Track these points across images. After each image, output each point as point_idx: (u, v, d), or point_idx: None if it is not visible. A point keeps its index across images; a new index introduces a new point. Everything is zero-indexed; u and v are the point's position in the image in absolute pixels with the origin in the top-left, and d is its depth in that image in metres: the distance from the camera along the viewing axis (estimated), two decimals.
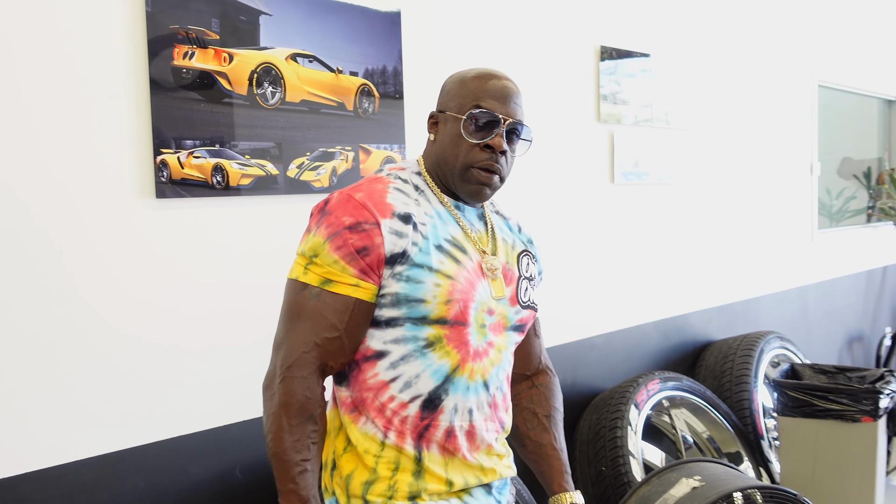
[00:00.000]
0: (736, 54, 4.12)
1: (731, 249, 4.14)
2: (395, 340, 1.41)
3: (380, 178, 1.48)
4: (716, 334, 4.02)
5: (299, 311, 1.39)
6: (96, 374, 1.84)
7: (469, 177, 1.46)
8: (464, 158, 1.45)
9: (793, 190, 4.75)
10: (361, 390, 1.44)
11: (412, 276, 1.39)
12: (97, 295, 1.83)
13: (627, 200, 3.42)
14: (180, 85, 1.95)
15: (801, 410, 3.17)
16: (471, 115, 1.44)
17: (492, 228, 1.56)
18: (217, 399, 2.05)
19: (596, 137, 3.25)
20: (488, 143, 1.44)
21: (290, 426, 1.35)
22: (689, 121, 3.75)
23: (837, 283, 5.28)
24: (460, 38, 2.68)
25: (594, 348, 3.27)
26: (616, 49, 3.29)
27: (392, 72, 2.43)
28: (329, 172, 2.27)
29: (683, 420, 3.33)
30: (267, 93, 2.12)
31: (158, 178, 1.92)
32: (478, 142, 1.45)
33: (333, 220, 1.39)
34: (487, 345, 1.48)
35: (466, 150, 1.45)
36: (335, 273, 1.38)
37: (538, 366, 1.72)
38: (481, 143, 1.45)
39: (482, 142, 1.45)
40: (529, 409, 1.68)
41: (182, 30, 1.95)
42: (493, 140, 1.45)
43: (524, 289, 1.56)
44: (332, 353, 1.39)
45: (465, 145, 1.45)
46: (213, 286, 2.04)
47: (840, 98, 5.45)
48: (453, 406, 1.44)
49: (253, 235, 2.11)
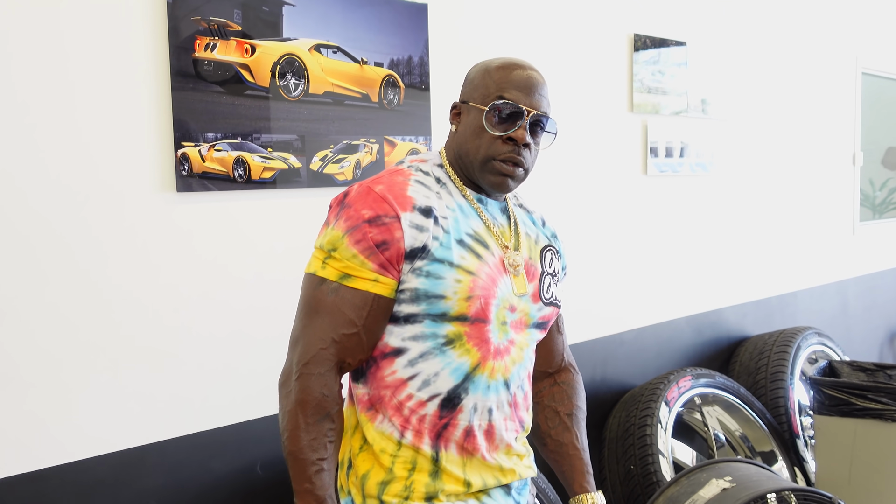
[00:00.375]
0: (775, 41, 4.01)
1: (768, 242, 4.04)
2: (414, 337, 1.39)
3: (401, 171, 1.45)
4: (751, 330, 3.93)
5: (317, 306, 1.36)
6: (114, 371, 1.83)
7: (491, 168, 1.43)
8: (486, 151, 1.42)
9: (834, 181, 4.62)
10: (379, 388, 1.41)
11: (432, 271, 1.36)
12: (123, 287, 1.83)
13: (661, 192, 3.35)
14: (202, 77, 1.93)
15: (839, 409, 3.08)
16: (493, 106, 1.40)
17: (515, 222, 1.53)
18: (238, 394, 2.04)
19: (629, 128, 3.18)
20: (511, 136, 1.41)
21: (307, 424, 1.33)
22: (727, 110, 3.66)
23: (879, 277, 5.13)
24: (488, 28, 2.63)
25: (624, 344, 3.21)
26: (650, 37, 3.21)
27: (418, 62, 2.39)
28: (353, 165, 2.25)
29: (716, 418, 3.26)
30: (290, 84, 2.10)
31: (179, 171, 1.91)
32: (500, 134, 1.41)
33: (353, 214, 1.36)
34: (509, 342, 1.44)
35: (489, 143, 1.41)
36: (354, 267, 1.35)
37: (561, 363, 1.68)
38: (504, 135, 1.41)
39: (505, 134, 1.41)
40: (551, 408, 1.65)
41: (204, 21, 1.93)
42: (517, 133, 1.41)
43: (547, 285, 1.52)
44: (350, 349, 1.37)
45: (487, 137, 1.41)
46: (234, 280, 2.02)
47: (886, 87, 5.29)
48: (473, 405, 1.41)
49: (275, 229, 2.10)
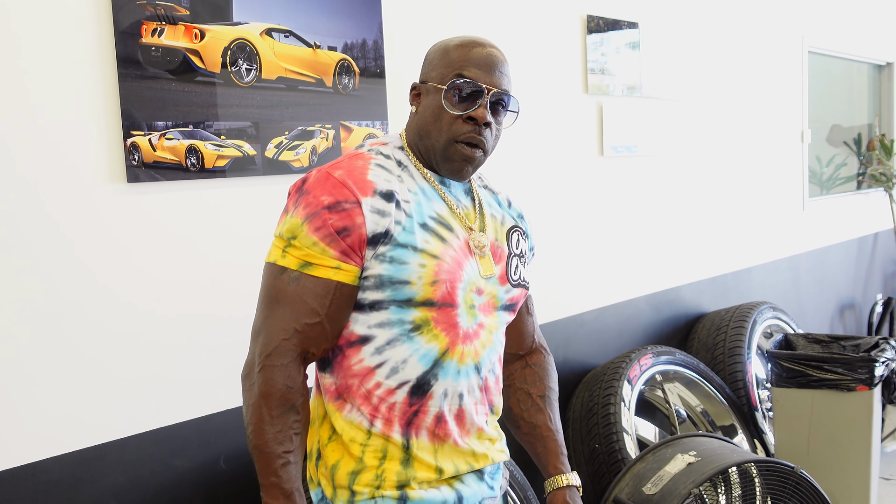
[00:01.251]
0: (723, 21, 4.05)
1: (721, 220, 4.10)
2: (380, 324, 1.36)
3: (360, 155, 1.42)
4: (708, 306, 3.99)
5: (278, 295, 1.33)
6: (71, 368, 1.77)
7: (452, 153, 1.41)
8: (447, 132, 1.39)
9: (783, 158, 4.70)
10: (346, 377, 1.39)
11: (396, 256, 1.34)
12: (70, 285, 1.77)
13: (617, 173, 3.36)
14: (150, 64, 1.87)
15: (796, 381, 3.14)
16: (452, 84, 1.38)
17: (479, 204, 1.51)
18: (198, 388, 1.99)
19: (584, 109, 3.18)
20: (471, 115, 1.38)
21: (272, 417, 1.30)
22: (678, 91, 3.68)
23: (829, 251, 5.25)
24: (442, 9, 2.60)
25: (585, 324, 3.22)
26: (603, 18, 3.21)
27: (372, 45, 2.35)
28: (309, 152, 2.20)
29: (677, 394, 3.29)
30: (242, 70, 2.05)
31: (129, 161, 1.85)
32: (460, 113, 1.39)
33: (312, 200, 1.33)
34: (478, 326, 1.43)
35: (449, 123, 1.39)
36: (315, 255, 1.32)
37: (532, 345, 1.67)
38: (464, 114, 1.39)
39: (465, 113, 1.39)
40: (523, 390, 1.64)
41: (150, 6, 1.87)
42: (477, 111, 1.38)
43: (514, 266, 1.51)
44: (314, 339, 1.34)
45: (447, 117, 1.39)
46: (190, 272, 1.97)
47: (829, 64, 5.39)
48: (443, 391, 1.39)
49: (230, 219, 2.05)
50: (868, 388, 3.03)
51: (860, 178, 5.91)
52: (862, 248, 5.75)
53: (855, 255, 5.65)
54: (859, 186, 5.89)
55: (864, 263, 5.81)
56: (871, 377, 3.02)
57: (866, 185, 5.87)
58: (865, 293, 5.85)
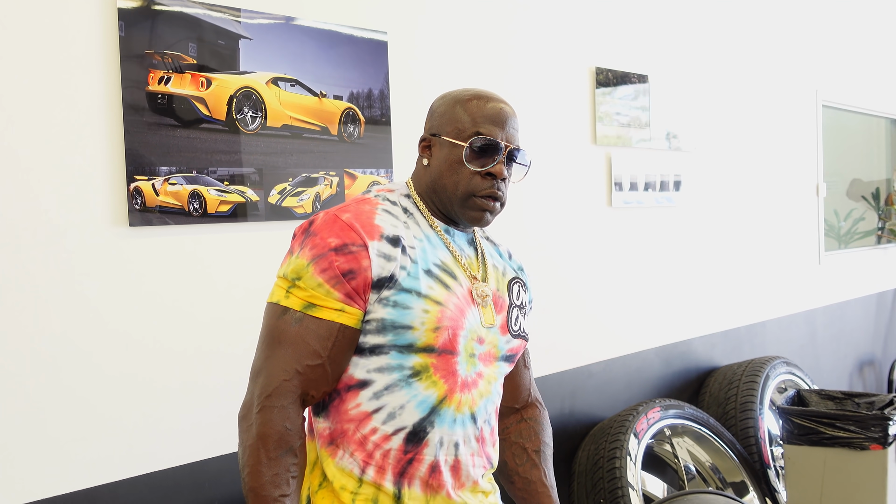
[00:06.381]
0: (737, 74, 4.07)
1: (735, 273, 4.06)
2: (380, 369, 1.36)
3: (368, 199, 1.43)
4: (720, 360, 3.93)
5: (280, 336, 1.33)
6: (64, 409, 1.78)
7: (472, 204, 1.43)
8: (465, 187, 1.41)
9: (798, 211, 4.67)
10: (342, 421, 1.38)
11: (399, 301, 1.33)
12: (68, 326, 1.78)
13: (626, 224, 3.36)
14: (155, 110, 1.91)
15: (808, 438, 3.07)
16: (472, 142, 1.40)
17: (482, 254, 1.52)
18: (193, 433, 1.98)
19: (592, 160, 3.19)
20: (490, 171, 1.41)
21: (269, 459, 1.28)
22: (690, 142, 3.69)
23: (847, 306, 5.17)
24: (449, 61, 2.64)
25: (593, 376, 3.19)
26: (612, 70, 3.24)
27: (378, 95, 2.39)
28: (312, 198, 2.22)
29: (686, 449, 3.23)
30: (247, 118, 2.08)
31: (132, 205, 1.87)
32: (479, 169, 1.41)
33: (318, 242, 1.34)
34: (476, 375, 1.42)
35: (467, 178, 1.41)
36: (319, 297, 1.32)
37: (527, 398, 1.66)
38: (483, 170, 1.41)
39: (484, 169, 1.41)
40: (518, 444, 1.62)
41: (157, 54, 1.92)
42: (495, 168, 1.41)
43: (515, 317, 1.51)
44: (315, 381, 1.33)
45: (465, 173, 1.41)
46: (191, 317, 1.98)
47: (846, 118, 5.38)
48: (439, 439, 1.38)
49: (232, 264, 2.06)
50: (882, 447, 2.96)
51: (879, 232, 5.86)
52: (882, 304, 5.66)
53: (874, 311, 5.56)
54: (878, 241, 5.83)
55: (884, 319, 5.72)
56: (884, 436, 2.95)
57: (885, 239, 5.81)
58: (886, 350, 5.74)
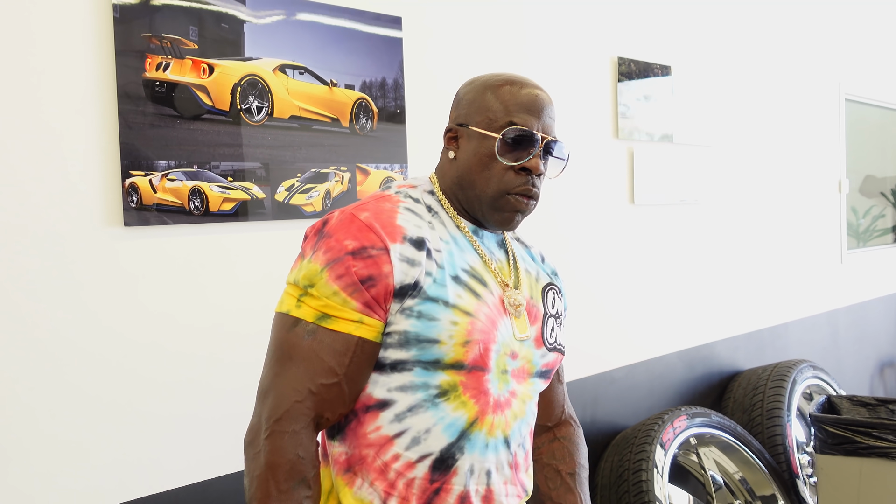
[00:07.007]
0: (758, 65, 3.91)
1: (757, 272, 3.90)
2: (402, 388, 1.20)
3: (388, 197, 1.28)
4: (743, 364, 3.77)
5: (290, 351, 1.17)
6: (52, 430, 1.62)
7: (503, 204, 1.27)
8: (497, 183, 1.26)
9: (820, 209, 4.51)
10: (360, 447, 1.22)
11: (425, 311, 1.18)
12: (60, 338, 1.62)
13: (648, 222, 3.20)
14: (153, 99, 1.75)
15: (842, 448, 2.91)
16: (505, 134, 1.24)
17: (513, 258, 1.36)
18: (196, 451, 1.83)
19: (614, 155, 3.03)
20: (524, 166, 1.25)
21: (280, 492, 1.13)
22: (712, 137, 3.53)
23: (868, 306, 5.02)
24: (466, 47, 2.47)
25: (615, 382, 3.03)
26: (634, 60, 3.07)
27: (392, 85, 2.22)
28: (322, 195, 2.06)
29: (713, 459, 3.07)
30: (252, 108, 1.92)
31: (127, 203, 1.71)
32: (513, 164, 1.25)
33: (334, 244, 1.18)
34: (510, 394, 1.27)
35: (500, 174, 1.26)
36: (334, 307, 1.17)
37: (560, 416, 1.50)
38: (517, 165, 1.25)
39: (518, 164, 1.25)
40: (551, 466, 1.46)
41: (155, 38, 1.76)
42: (531, 162, 1.26)
43: (550, 328, 1.35)
44: (330, 402, 1.18)
45: (497, 167, 1.26)
46: (189, 326, 1.82)
47: (860, 113, 5.22)
48: (469, 467, 1.22)
49: (236, 267, 1.90)
50: None
51: None
52: None
53: (895, 311, 5.40)
54: None
55: None
56: None
57: None
58: None
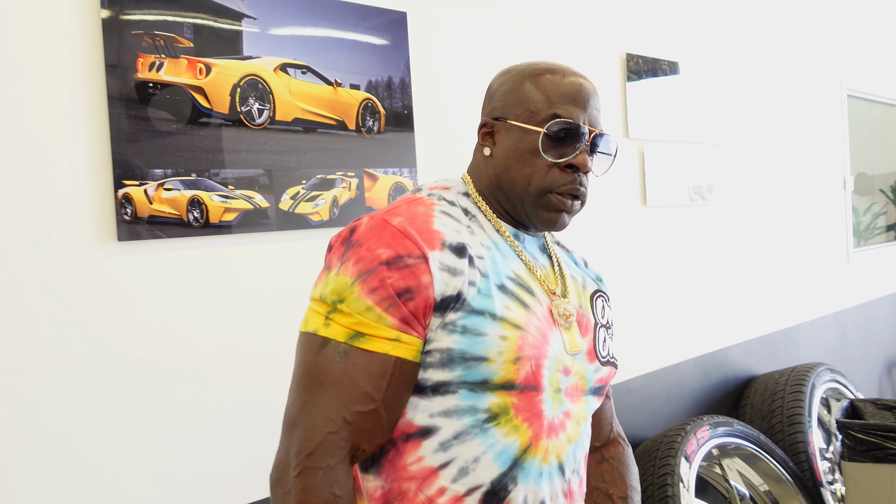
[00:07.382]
0: (762, 61, 3.80)
1: (768, 273, 3.79)
2: (447, 412, 1.06)
3: (420, 200, 1.15)
4: (758, 368, 3.65)
5: (320, 375, 1.03)
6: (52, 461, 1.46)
7: (547, 203, 1.14)
8: (540, 181, 1.13)
9: (826, 206, 4.41)
10: (400, 480, 1.08)
11: (470, 326, 1.05)
12: (52, 358, 1.47)
13: (661, 224, 3.07)
14: (146, 103, 1.60)
15: (871, 455, 2.79)
16: (549, 127, 1.12)
17: (558, 264, 1.24)
18: (208, 486, 1.67)
19: (625, 155, 2.90)
20: (571, 162, 1.13)
21: None
22: (720, 135, 3.41)
23: (874, 305, 4.92)
24: (475, 45, 2.34)
25: (632, 392, 2.89)
26: (642, 57, 2.95)
27: (399, 84, 2.09)
28: (329, 203, 1.92)
29: (737, 471, 2.94)
30: (253, 110, 1.78)
31: (121, 216, 1.56)
32: (558, 160, 1.12)
33: (365, 254, 1.05)
34: (564, 415, 1.14)
35: (543, 171, 1.13)
36: (368, 324, 1.03)
37: (609, 434, 1.37)
38: (562, 161, 1.12)
39: (564, 160, 1.13)
40: (601, 490, 1.33)
41: (147, 36, 1.61)
42: (578, 158, 1.13)
43: (602, 339, 1.22)
44: (367, 432, 1.04)
45: (540, 164, 1.13)
46: (192, 346, 1.67)
47: (864, 108, 5.14)
48: (523, 499, 1.09)
49: (239, 282, 1.75)
50: None
51: None
52: None
53: None
54: None
55: None
56: None
57: None
58: None
